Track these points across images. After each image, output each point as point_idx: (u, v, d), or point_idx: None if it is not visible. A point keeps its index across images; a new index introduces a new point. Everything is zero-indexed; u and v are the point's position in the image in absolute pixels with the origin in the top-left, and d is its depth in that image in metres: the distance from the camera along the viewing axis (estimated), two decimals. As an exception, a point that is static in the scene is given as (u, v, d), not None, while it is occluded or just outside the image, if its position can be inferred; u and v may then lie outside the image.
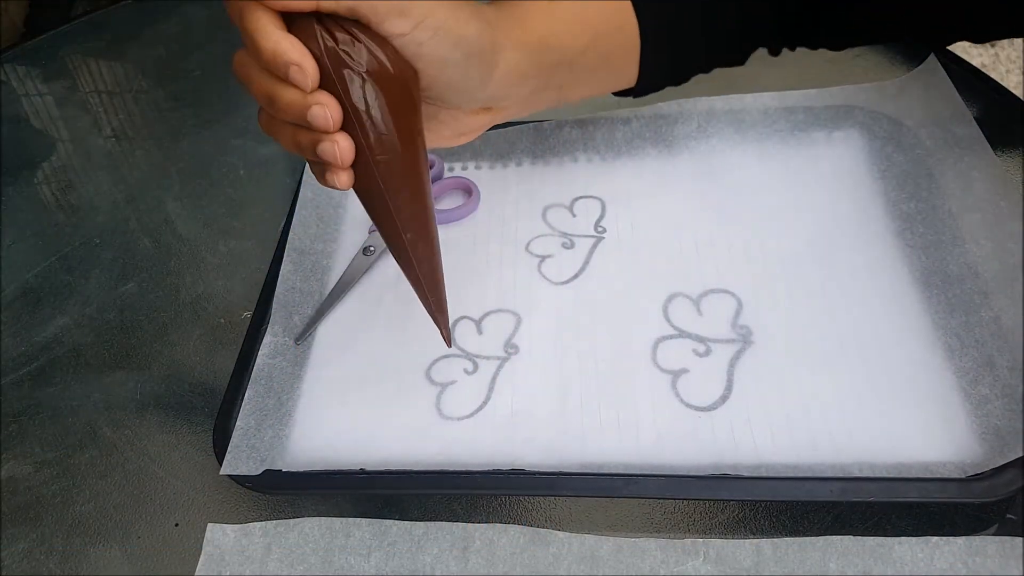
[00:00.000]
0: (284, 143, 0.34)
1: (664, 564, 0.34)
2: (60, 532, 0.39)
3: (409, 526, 0.36)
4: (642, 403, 0.40)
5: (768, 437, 0.37)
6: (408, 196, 0.34)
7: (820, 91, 0.52)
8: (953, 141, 0.46)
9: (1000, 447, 0.35)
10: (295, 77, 0.30)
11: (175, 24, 0.75)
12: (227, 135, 0.62)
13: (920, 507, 0.35)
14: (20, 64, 0.73)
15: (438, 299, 0.38)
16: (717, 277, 0.45)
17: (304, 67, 0.30)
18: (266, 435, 0.40)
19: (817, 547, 0.34)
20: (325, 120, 0.31)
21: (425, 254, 0.37)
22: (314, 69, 0.30)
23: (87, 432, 0.44)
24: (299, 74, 0.30)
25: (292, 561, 0.36)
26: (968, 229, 0.43)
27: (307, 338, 0.45)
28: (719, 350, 0.41)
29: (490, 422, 0.40)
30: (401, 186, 0.34)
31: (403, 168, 0.34)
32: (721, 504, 0.37)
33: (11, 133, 0.65)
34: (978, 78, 0.54)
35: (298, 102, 0.31)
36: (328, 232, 0.51)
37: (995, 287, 0.40)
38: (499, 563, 0.35)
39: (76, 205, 0.58)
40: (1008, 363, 0.38)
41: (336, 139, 0.31)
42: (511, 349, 0.43)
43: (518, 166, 0.53)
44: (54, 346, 0.48)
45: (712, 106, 0.52)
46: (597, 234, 0.48)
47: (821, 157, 0.50)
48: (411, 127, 0.34)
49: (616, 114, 0.53)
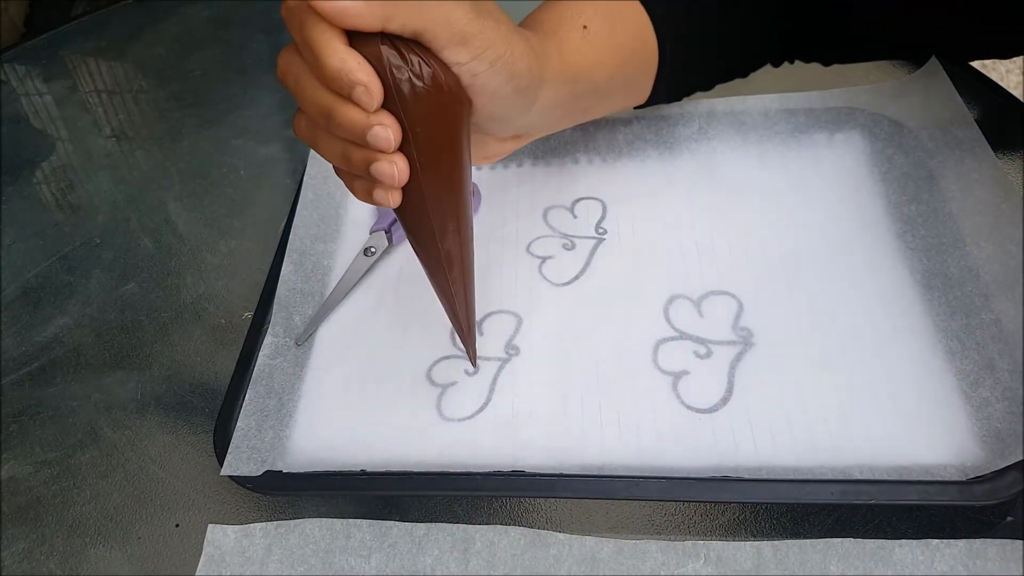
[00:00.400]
0: (327, 154, 0.33)
1: (664, 566, 0.34)
2: (60, 532, 0.39)
3: (410, 527, 0.36)
4: (643, 405, 0.40)
5: (769, 439, 0.37)
6: (452, 218, 0.35)
7: (821, 93, 0.52)
8: (954, 143, 0.46)
9: (1001, 450, 0.35)
10: (360, 97, 0.29)
11: (175, 24, 0.75)
12: (227, 135, 0.62)
13: (921, 510, 0.35)
14: (20, 64, 0.73)
15: (468, 321, 0.39)
16: (718, 279, 0.45)
17: (371, 88, 0.29)
18: (267, 436, 0.40)
19: (818, 549, 0.34)
20: (388, 142, 0.30)
21: (460, 274, 0.37)
22: (380, 90, 0.29)
23: (87, 432, 0.43)
24: (365, 95, 0.29)
25: (293, 562, 0.36)
26: (969, 231, 0.43)
27: (308, 339, 0.45)
28: (720, 352, 0.41)
29: (491, 423, 0.40)
30: (446, 208, 0.34)
31: (450, 191, 0.34)
32: (722, 506, 0.37)
33: (11, 133, 0.65)
34: (979, 80, 0.54)
35: (360, 121, 0.30)
36: (329, 233, 0.51)
37: (996, 290, 0.40)
38: (500, 564, 0.35)
39: (76, 205, 0.58)
40: (1009, 366, 0.38)
41: (395, 160, 0.31)
42: (512, 350, 0.43)
43: (519, 167, 0.53)
44: (54, 346, 0.48)
45: (713, 108, 0.52)
46: (598, 235, 0.48)
47: (822, 159, 0.50)
48: (461, 150, 0.34)
49: (617, 116, 0.53)
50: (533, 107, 0.37)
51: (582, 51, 0.40)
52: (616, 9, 0.42)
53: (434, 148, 0.32)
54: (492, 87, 0.33)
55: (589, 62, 0.40)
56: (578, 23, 0.40)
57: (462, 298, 0.38)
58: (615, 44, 0.42)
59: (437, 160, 0.32)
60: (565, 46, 0.39)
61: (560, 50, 0.39)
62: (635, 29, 0.43)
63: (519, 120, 0.38)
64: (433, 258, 0.36)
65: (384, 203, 0.32)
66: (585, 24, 0.40)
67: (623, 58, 0.42)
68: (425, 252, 0.36)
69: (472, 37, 0.31)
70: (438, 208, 0.34)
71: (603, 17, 0.41)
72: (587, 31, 0.40)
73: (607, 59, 0.41)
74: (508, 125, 0.38)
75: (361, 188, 0.33)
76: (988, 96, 0.53)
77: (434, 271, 0.37)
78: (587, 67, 0.40)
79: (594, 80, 0.41)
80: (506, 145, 0.41)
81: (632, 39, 0.43)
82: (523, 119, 0.38)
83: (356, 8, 0.28)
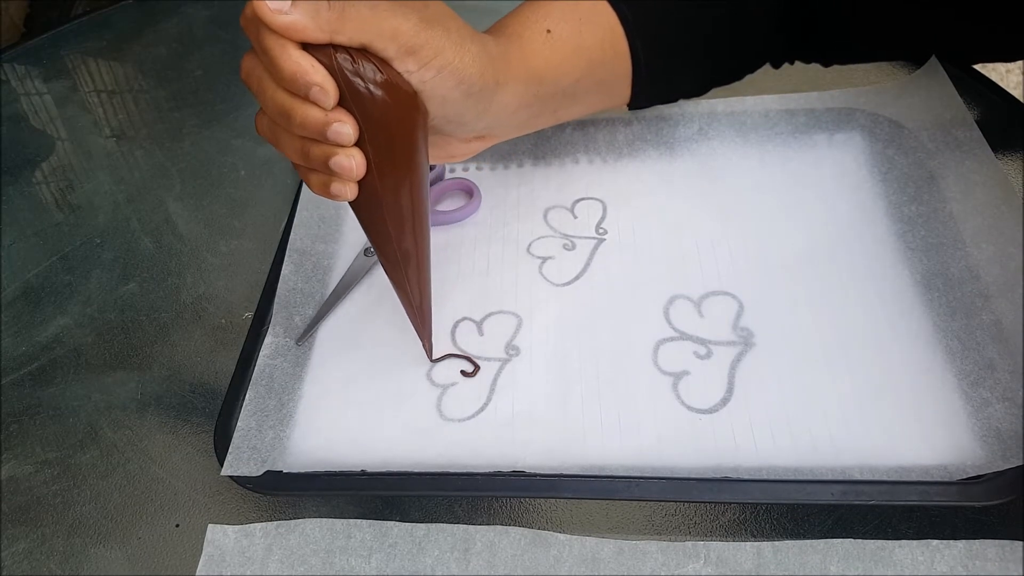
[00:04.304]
0: (286, 151, 0.34)
1: (665, 566, 0.34)
2: (60, 532, 0.39)
3: (410, 527, 0.36)
4: (643, 405, 0.40)
5: (769, 439, 0.38)
6: (408, 217, 0.36)
7: (821, 94, 0.52)
8: (954, 143, 0.46)
9: (1001, 450, 0.35)
10: (317, 97, 0.31)
11: (175, 24, 0.75)
12: (227, 135, 0.62)
13: (921, 510, 0.35)
14: (20, 64, 0.73)
15: (424, 317, 0.41)
16: (718, 279, 0.45)
17: (326, 87, 0.30)
18: (267, 436, 0.40)
19: (818, 550, 0.34)
20: (348, 136, 0.32)
21: (415, 272, 0.38)
22: (335, 89, 0.31)
23: (88, 432, 0.43)
24: (321, 94, 0.31)
25: (293, 562, 0.36)
26: (969, 232, 0.43)
27: (308, 339, 0.45)
28: (720, 352, 0.41)
29: (491, 424, 0.40)
30: (402, 207, 0.35)
31: (406, 190, 0.35)
32: (722, 506, 0.37)
33: (11, 133, 0.65)
34: (979, 80, 0.54)
35: (318, 119, 0.31)
36: (329, 233, 0.51)
37: (996, 290, 0.40)
38: (500, 565, 0.35)
39: (76, 205, 0.58)
40: (1009, 366, 0.38)
41: (352, 153, 0.32)
42: (512, 351, 0.43)
43: (519, 167, 0.53)
44: (55, 346, 0.48)
45: (713, 108, 0.52)
46: (598, 236, 0.48)
47: (822, 159, 0.50)
48: (415, 151, 0.35)
49: (617, 116, 0.53)
50: (489, 110, 0.38)
51: (544, 54, 0.40)
52: (584, 13, 0.43)
53: (389, 148, 0.33)
54: (442, 92, 0.34)
55: (553, 65, 0.41)
56: (542, 27, 0.41)
57: (417, 294, 0.39)
58: (581, 47, 0.42)
59: (392, 160, 0.34)
60: (528, 49, 0.40)
61: (523, 53, 0.39)
62: (603, 32, 0.43)
63: (476, 123, 0.38)
64: (389, 256, 0.37)
65: (341, 196, 0.34)
66: (549, 28, 0.41)
67: (591, 60, 0.43)
68: (381, 250, 0.37)
69: (419, 48, 0.32)
70: (394, 206, 0.35)
71: (569, 20, 0.42)
72: (551, 34, 0.41)
73: (573, 62, 0.42)
74: (466, 127, 0.38)
75: (318, 182, 0.34)
76: (988, 96, 0.53)
77: (391, 268, 0.38)
78: (551, 70, 0.41)
79: (560, 83, 0.42)
80: (471, 145, 0.42)
81: (600, 42, 0.43)
82: (480, 121, 0.38)
83: (303, 23, 0.29)
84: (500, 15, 0.42)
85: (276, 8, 0.29)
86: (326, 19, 0.30)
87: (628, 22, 0.43)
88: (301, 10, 0.29)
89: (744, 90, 0.51)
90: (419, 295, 0.39)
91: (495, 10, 0.43)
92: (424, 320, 0.41)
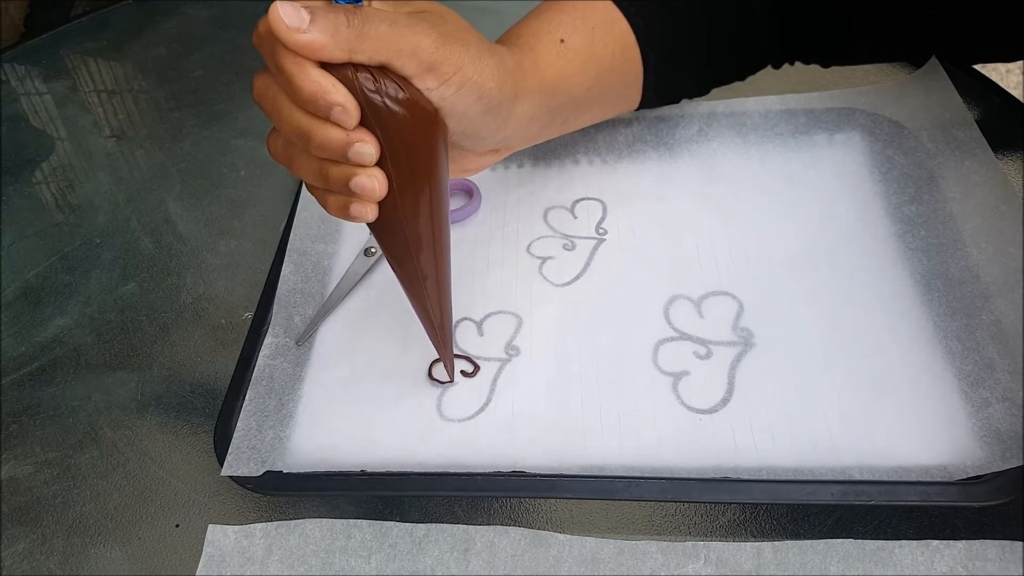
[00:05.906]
0: (303, 173, 0.33)
1: (665, 566, 0.34)
2: (60, 532, 0.39)
3: (410, 528, 0.36)
4: (643, 405, 0.40)
5: (769, 440, 0.37)
6: (427, 234, 0.35)
7: (821, 94, 0.52)
8: (954, 144, 0.46)
9: (1001, 451, 0.35)
10: (339, 117, 0.30)
11: (175, 24, 0.75)
12: (227, 135, 0.62)
13: (921, 510, 0.35)
14: (20, 64, 0.73)
15: (444, 335, 0.39)
16: (718, 279, 0.45)
17: (348, 107, 0.30)
18: (267, 436, 0.40)
19: (818, 550, 0.34)
20: (370, 157, 0.31)
21: (435, 289, 0.37)
22: (356, 108, 0.30)
23: (88, 432, 0.43)
24: (343, 114, 0.30)
25: (293, 562, 0.36)
26: (969, 232, 0.43)
27: (308, 339, 0.45)
28: (720, 352, 0.41)
29: (491, 424, 0.40)
30: (421, 225, 0.34)
31: (426, 208, 0.34)
32: (722, 507, 0.37)
33: (11, 133, 0.65)
34: (979, 80, 0.54)
35: (339, 139, 0.30)
36: (329, 233, 0.51)
37: (996, 290, 0.40)
38: (500, 565, 0.35)
39: (76, 205, 0.58)
40: (1009, 367, 0.38)
41: (374, 173, 0.31)
42: (512, 351, 0.43)
43: (519, 168, 0.53)
44: (54, 346, 0.48)
45: (713, 109, 0.52)
46: (598, 236, 0.48)
47: (822, 160, 0.50)
48: (437, 168, 0.34)
49: (618, 116, 0.52)
50: (507, 123, 0.38)
51: (558, 65, 0.40)
52: (596, 21, 0.42)
53: (410, 167, 0.32)
54: (462, 108, 0.34)
55: (566, 75, 0.41)
56: (556, 36, 0.41)
57: (438, 313, 0.38)
58: (593, 56, 0.42)
59: (413, 179, 0.33)
60: (542, 60, 0.40)
61: (537, 65, 0.39)
62: (615, 40, 0.43)
63: (493, 136, 0.38)
64: (408, 273, 0.36)
65: (361, 217, 0.33)
66: (563, 38, 0.41)
67: (602, 70, 0.43)
68: (400, 267, 0.36)
69: (438, 64, 0.31)
70: (414, 225, 0.34)
71: (582, 29, 0.42)
72: (564, 44, 0.41)
73: (585, 71, 0.42)
74: (484, 141, 0.38)
75: (336, 204, 0.33)
76: (988, 96, 0.53)
77: (410, 286, 0.37)
78: (564, 80, 0.41)
79: (572, 93, 0.42)
80: (485, 159, 0.41)
81: (612, 51, 0.43)
82: (497, 135, 0.38)
83: (321, 41, 0.29)
84: (500, 15, 0.42)
85: (293, 27, 0.28)
86: (345, 37, 0.29)
87: (640, 29, 0.43)
88: (319, 28, 0.28)
89: (744, 91, 0.51)
90: (440, 313, 0.38)
91: (495, 10, 0.43)
92: (445, 339, 0.40)
